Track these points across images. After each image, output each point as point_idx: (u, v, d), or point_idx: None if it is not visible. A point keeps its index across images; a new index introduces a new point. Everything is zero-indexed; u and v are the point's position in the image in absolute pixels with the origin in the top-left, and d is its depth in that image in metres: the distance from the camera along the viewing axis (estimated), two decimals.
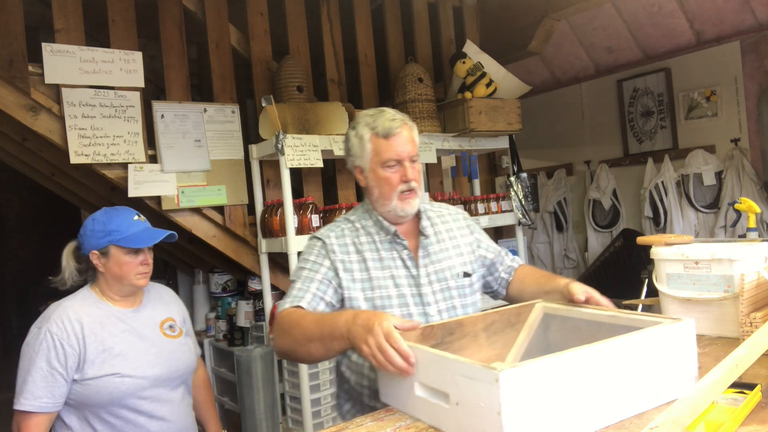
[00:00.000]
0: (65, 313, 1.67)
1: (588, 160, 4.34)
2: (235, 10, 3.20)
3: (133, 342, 1.71)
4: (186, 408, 1.84)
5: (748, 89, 3.38)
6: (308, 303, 1.44)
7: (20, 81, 2.51)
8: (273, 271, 3.04)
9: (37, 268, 7.89)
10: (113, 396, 1.64)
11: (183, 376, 1.81)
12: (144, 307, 1.81)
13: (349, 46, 3.49)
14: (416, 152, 1.56)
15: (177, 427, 1.76)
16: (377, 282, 1.51)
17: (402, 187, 1.52)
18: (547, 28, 3.71)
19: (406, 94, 3.30)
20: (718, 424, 1.01)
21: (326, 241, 1.54)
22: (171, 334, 1.81)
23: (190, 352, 1.86)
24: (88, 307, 1.71)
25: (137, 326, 1.75)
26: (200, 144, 2.94)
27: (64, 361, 1.61)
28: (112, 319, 1.71)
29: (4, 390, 6.38)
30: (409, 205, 1.53)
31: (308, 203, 2.83)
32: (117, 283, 1.74)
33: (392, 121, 1.52)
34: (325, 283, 1.48)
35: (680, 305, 1.67)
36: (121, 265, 1.71)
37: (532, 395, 0.96)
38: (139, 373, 1.67)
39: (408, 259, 1.55)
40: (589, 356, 1.03)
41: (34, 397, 1.59)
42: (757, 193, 3.33)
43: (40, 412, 1.60)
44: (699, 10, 3.46)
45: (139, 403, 1.67)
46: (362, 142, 1.54)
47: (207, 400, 2.02)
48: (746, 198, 2.10)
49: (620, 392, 1.06)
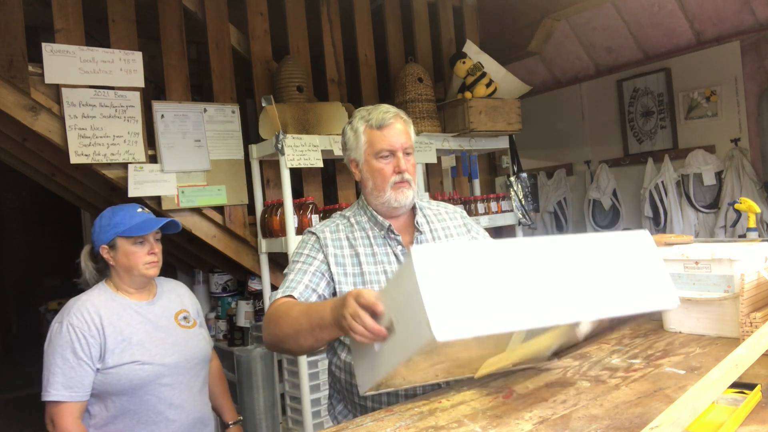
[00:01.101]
0: (84, 306, 1.75)
1: (588, 160, 4.34)
2: (235, 10, 3.20)
3: (150, 332, 1.79)
4: (203, 397, 1.91)
5: (748, 89, 3.38)
6: (300, 293, 1.45)
7: (20, 81, 2.51)
8: (273, 271, 3.04)
9: (37, 268, 7.91)
10: (133, 383, 1.71)
11: (199, 364, 1.88)
12: (158, 300, 1.89)
13: (349, 46, 3.49)
14: (410, 145, 1.57)
15: (194, 415, 1.84)
16: (369, 277, 1.51)
17: (395, 178, 1.53)
18: (547, 28, 3.71)
19: (406, 94, 3.30)
20: (718, 424, 1.01)
21: (320, 235, 1.55)
22: (185, 325, 1.90)
23: (204, 342, 1.94)
24: (104, 300, 1.79)
25: (153, 317, 1.83)
26: (200, 144, 2.94)
27: (88, 350, 1.69)
28: (128, 311, 1.80)
29: (4, 390, 6.38)
30: (402, 195, 1.53)
31: (308, 203, 2.83)
32: (127, 274, 1.82)
33: (386, 113, 1.54)
34: (318, 275, 1.49)
35: (680, 305, 1.67)
36: (128, 255, 1.79)
37: (451, 278, 0.94)
38: (157, 360, 1.75)
39: (402, 255, 1.55)
40: (516, 249, 1.03)
41: (63, 387, 1.66)
42: (757, 193, 3.33)
43: (71, 401, 1.67)
44: (699, 10, 3.46)
45: (159, 390, 1.75)
46: (357, 134, 1.56)
47: (222, 390, 2.10)
48: (746, 198, 2.11)
49: (561, 292, 1.04)
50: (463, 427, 1.12)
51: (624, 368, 1.41)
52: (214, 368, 2.09)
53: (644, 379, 1.31)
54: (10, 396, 5.65)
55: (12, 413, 5.15)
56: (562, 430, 1.07)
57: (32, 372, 5.99)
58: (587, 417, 1.11)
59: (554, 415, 1.14)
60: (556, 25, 3.74)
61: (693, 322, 1.65)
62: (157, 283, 1.95)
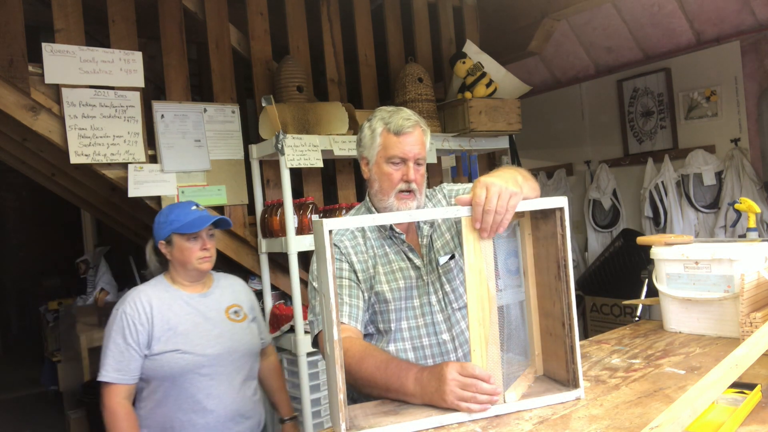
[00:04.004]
0: (138, 296, 1.88)
1: (588, 160, 4.34)
2: (235, 10, 3.20)
3: (198, 323, 1.89)
4: (247, 391, 1.96)
5: (748, 89, 3.38)
6: (349, 316, 1.46)
7: (20, 81, 2.51)
8: (273, 271, 3.04)
9: (37, 268, 7.91)
10: (174, 370, 1.81)
11: (243, 357, 1.95)
12: (212, 293, 1.99)
13: (349, 46, 3.49)
14: (423, 156, 1.57)
15: (233, 407, 1.89)
16: (385, 277, 1.53)
17: (402, 186, 1.54)
18: (547, 28, 3.71)
19: (406, 94, 3.30)
20: (718, 424, 1.01)
21: (340, 246, 1.55)
22: (235, 319, 1.98)
23: (252, 336, 2.00)
24: (159, 291, 1.92)
25: (203, 309, 1.93)
26: (200, 144, 2.94)
27: (136, 337, 1.81)
28: (179, 302, 1.91)
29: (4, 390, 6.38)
30: (405, 206, 1.54)
31: (308, 203, 2.83)
32: (183, 268, 1.93)
33: (406, 120, 1.55)
34: (353, 286, 1.51)
35: (680, 305, 1.68)
36: (182, 250, 1.90)
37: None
38: (198, 350, 1.84)
39: (409, 252, 1.58)
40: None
41: (113, 370, 1.80)
42: (757, 193, 3.33)
43: (120, 383, 1.80)
44: (699, 10, 3.46)
45: (198, 379, 1.83)
46: (374, 134, 1.57)
47: (279, 386, 2.21)
48: (746, 198, 2.11)
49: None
50: (463, 427, 1.12)
51: (624, 368, 1.41)
52: (272, 364, 2.19)
53: (644, 379, 1.31)
54: (10, 396, 5.65)
55: (12, 413, 5.16)
56: (562, 430, 1.07)
57: (32, 372, 6.01)
58: (587, 417, 1.12)
59: (554, 415, 1.14)
60: (556, 25, 3.74)
61: (693, 322, 1.66)
62: (214, 278, 2.05)
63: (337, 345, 1.09)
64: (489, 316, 1.16)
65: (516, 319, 1.31)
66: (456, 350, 1.54)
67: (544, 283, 1.29)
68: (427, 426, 1.12)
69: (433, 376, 1.18)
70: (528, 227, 1.33)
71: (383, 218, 1.21)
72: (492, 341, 1.16)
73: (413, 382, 1.20)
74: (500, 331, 1.18)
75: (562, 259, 1.20)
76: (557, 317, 1.24)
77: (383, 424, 1.12)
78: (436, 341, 1.53)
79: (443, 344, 1.53)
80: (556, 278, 1.23)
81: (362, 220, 1.13)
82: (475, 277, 1.15)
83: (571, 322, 1.20)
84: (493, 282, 1.17)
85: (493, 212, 1.13)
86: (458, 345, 1.55)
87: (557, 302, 1.23)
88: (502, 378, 1.17)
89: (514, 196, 1.16)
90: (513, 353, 1.31)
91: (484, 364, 1.15)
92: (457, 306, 1.57)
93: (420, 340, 1.53)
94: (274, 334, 2.87)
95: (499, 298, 1.21)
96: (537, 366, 1.33)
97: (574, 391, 1.21)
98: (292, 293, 2.64)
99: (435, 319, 1.54)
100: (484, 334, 1.15)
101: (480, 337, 1.15)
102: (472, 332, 1.15)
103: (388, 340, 1.51)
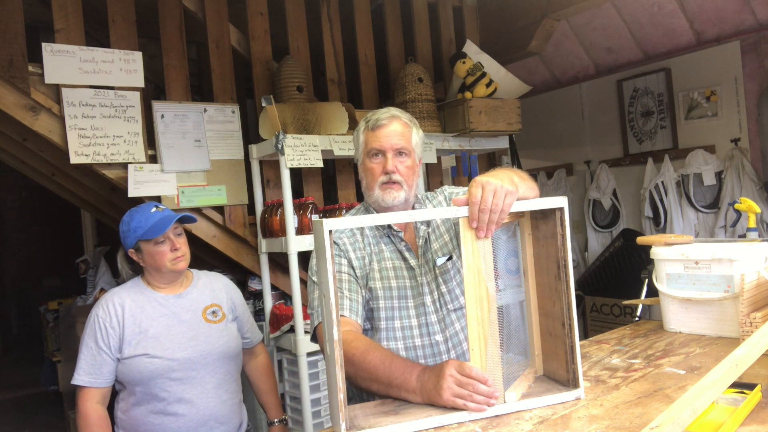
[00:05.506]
0: (111, 298, 1.84)
1: (588, 160, 4.34)
2: (235, 10, 3.20)
3: (170, 325, 1.84)
4: (222, 394, 1.88)
5: (748, 89, 3.38)
6: (349, 309, 1.47)
7: (20, 81, 2.51)
8: (273, 271, 3.04)
9: (37, 268, 7.91)
10: (143, 375, 1.77)
11: (219, 361, 1.88)
12: (189, 293, 1.93)
13: (349, 46, 3.49)
14: (404, 146, 1.58)
15: (207, 411, 1.83)
16: (379, 274, 1.54)
17: (383, 178, 1.55)
18: (547, 28, 3.71)
19: (406, 94, 3.30)
20: (718, 424, 1.01)
21: (339, 243, 1.56)
22: (212, 320, 1.92)
23: (230, 337, 1.93)
24: (134, 293, 1.87)
25: (177, 311, 1.87)
26: (200, 144, 2.94)
27: (108, 340, 1.78)
28: (153, 304, 1.86)
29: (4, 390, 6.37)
30: (389, 196, 1.54)
31: (308, 203, 2.83)
32: (157, 272, 1.87)
33: (382, 114, 1.58)
34: (352, 281, 1.52)
35: (680, 305, 1.68)
36: (153, 255, 1.84)
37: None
38: (167, 354, 1.79)
39: (406, 250, 1.58)
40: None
41: (85, 373, 1.77)
42: (757, 193, 3.33)
43: (92, 386, 1.77)
44: (699, 10, 3.46)
45: (168, 383, 1.79)
46: (358, 135, 1.62)
47: (268, 388, 2.13)
48: (746, 198, 2.11)
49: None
50: (463, 427, 1.12)
51: (624, 368, 1.41)
52: (261, 364, 2.13)
53: (644, 379, 1.31)
54: (10, 396, 5.65)
55: (12, 413, 5.16)
56: (562, 430, 1.07)
57: (32, 372, 6.00)
58: (587, 417, 1.12)
59: (554, 415, 1.14)
60: (556, 25, 3.74)
61: (693, 322, 1.66)
62: (194, 277, 1.99)
63: (336, 345, 1.09)
64: (488, 316, 1.16)
65: (516, 319, 1.31)
66: (449, 351, 1.53)
67: (544, 283, 1.29)
68: (427, 426, 1.12)
69: (434, 372, 1.20)
70: (528, 227, 1.33)
71: (383, 218, 1.21)
72: (492, 341, 1.16)
73: (416, 379, 1.22)
74: (500, 331, 1.19)
75: (562, 259, 1.21)
76: (557, 317, 1.24)
77: (383, 424, 1.12)
78: (429, 342, 1.53)
79: (436, 345, 1.52)
80: (556, 278, 1.23)
81: (362, 220, 1.14)
82: (473, 277, 1.15)
83: (571, 322, 1.20)
84: (491, 281, 1.17)
85: (489, 210, 1.14)
86: (452, 346, 1.54)
87: (557, 302, 1.23)
88: (501, 378, 1.17)
89: (510, 195, 1.16)
90: (513, 353, 1.31)
91: (483, 363, 1.15)
92: (453, 307, 1.56)
93: (413, 340, 1.53)
94: (274, 334, 2.87)
95: (499, 298, 1.21)
96: (537, 366, 1.33)
97: (574, 391, 1.21)
98: (292, 293, 2.64)
99: (429, 320, 1.53)
100: (482, 333, 1.15)
101: (478, 337, 1.15)
102: (471, 332, 1.15)
103: (380, 339, 1.52)
